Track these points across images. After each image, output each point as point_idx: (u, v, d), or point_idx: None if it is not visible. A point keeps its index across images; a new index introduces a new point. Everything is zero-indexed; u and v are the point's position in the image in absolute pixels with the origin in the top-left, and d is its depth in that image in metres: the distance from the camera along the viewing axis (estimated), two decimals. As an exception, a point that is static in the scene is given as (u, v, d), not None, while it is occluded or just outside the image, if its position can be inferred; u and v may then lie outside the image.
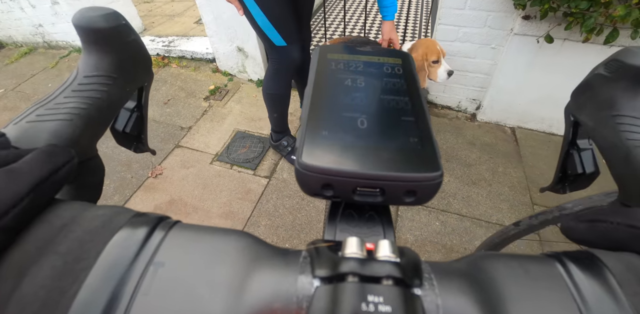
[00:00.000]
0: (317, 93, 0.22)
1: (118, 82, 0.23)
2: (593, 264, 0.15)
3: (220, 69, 2.45)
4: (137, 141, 0.30)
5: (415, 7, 3.48)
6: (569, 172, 0.29)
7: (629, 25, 1.29)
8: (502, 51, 1.70)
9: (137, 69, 0.26)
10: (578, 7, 1.27)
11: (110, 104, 0.23)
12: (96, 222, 0.15)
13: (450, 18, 1.67)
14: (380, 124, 0.20)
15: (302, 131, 0.20)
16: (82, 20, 0.21)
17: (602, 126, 0.23)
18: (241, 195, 1.59)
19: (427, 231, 1.43)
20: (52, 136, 0.19)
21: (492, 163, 1.73)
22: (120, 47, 0.23)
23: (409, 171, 0.18)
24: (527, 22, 1.53)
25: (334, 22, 3.15)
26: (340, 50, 0.27)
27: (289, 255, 0.16)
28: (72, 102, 0.21)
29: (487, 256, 0.16)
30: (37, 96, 2.44)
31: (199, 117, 2.07)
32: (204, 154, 1.82)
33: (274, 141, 1.73)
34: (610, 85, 0.23)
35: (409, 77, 0.25)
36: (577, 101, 0.27)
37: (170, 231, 0.15)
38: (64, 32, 2.86)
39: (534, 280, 0.14)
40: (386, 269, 0.14)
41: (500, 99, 1.87)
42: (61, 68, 2.76)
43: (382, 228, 0.21)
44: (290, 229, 1.45)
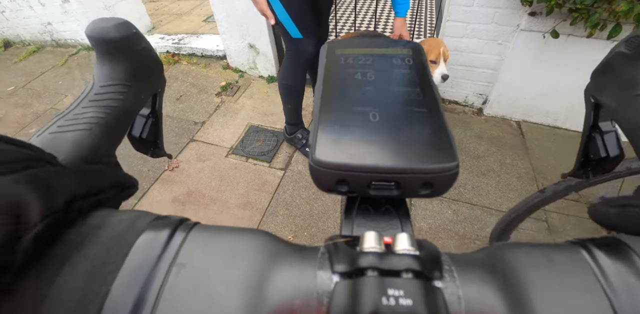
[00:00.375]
0: (328, 89, 0.22)
1: (133, 90, 0.24)
2: (620, 249, 0.14)
3: (231, 66, 2.50)
4: (153, 147, 0.30)
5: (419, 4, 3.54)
6: (592, 157, 0.28)
7: (632, 20, 1.35)
8: (509, 47, 1.75)
9: (150, 75, 0.26)
10: (583, 3, 1.33)
11: (126, 111, 0.23)
12: (119, 227, 0.15)
13: (458, 15, 1.73)
14: (393, 117, 0.20)
15: (315, 127, 0.20)
16: (95, 31, 0.22)
17: (625, 106, 0.22)
18: (258, 186, 1.63)
19: (440, 220, 1.48)
20: (73, 145, 0.19)
21: (499, 155, 1.79)
22: (132, 55, 0.24)
23: (424, 163, 0.17)
24: (533, 18, 1.59)
25: (343, 15, 3.21)
26: (348, 44, 0.27)
27: (306, 251, 0.16)
28: (90, 112, 0.21)
29: (507, 246, 0.16)
30: (47, 92, 2.47)
31: (212, 113, 2.12)
32: (218, 147, 1.86)
33: (288, 133, 1.77)
34: (632, 63, 0.22)
35: (419, 68, 0.24)
36: (597, 82, 0.26)
37: (190, 232, 0.16)
38: (73, 31, 2.89)
39: (557, 267, 0.14)
40: (405, 263, 0.14)
41: (507, 93, 1.92)
42: (70, 66, 2.79)
43: (400, 221, 0.21)
44: (307, 218, 1.49)
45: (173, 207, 1.55)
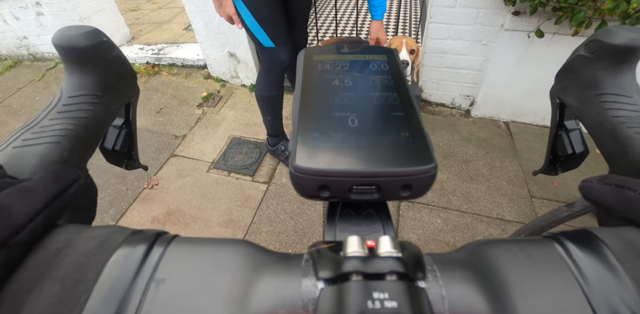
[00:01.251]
0: (306, 95, 0.22)
1: (104, 100, 0.23)
2: (591, 242, 0.15)
3: (212, 75, 2.43)
4: (127, 158, 0.29)
5: (404, 7, 3.50)
6: (559, 154, 0.29)
7: (617, 18, 1.31)
8: (494, 47, 1.71)
9: (122, 85, 0.25)
10: (567, 2, 1.29)
11: (97, 122, 0.22)
12: (92, 243, 0.15)
13: (441, 16, 1.68)
14: (371, 122, 0.20)
15: (294, 134, 0.20)
16: (63, 39, 0.21)
17: (587, 105, 0.23)
18: (240, 202, 1.57)
19: (429, 230, 1.43)
20: (40, 159, 0.18)
21: (488, 158, 1.74)
22: (103, 64, 0.23)
23: (403, 166, 0.18)
24: (517, 18, 1.54)
25: (325, 22, 3.15)
26: (325, 51, 0.27)
27: (290, 259, 0.16)
28: (58, 124, 0.20)
29: (486, 243, 0.16)
30: (24, 109, 2.40)
31: (193, 125, 2.05)
32: (200, 162, 1.80)
33: (270, 145, 1.71)
34: (592, 65, 0.23)
35: (395, 73, 0.24)
36: (561, 83, 0.27)
37: (169, 246, 0.15)
38: (49, 44, 2.81)
39: (534, 263, 0.14)
40: (389, 265, 0.14)
41: (493, 94, 1.88)
42: (48, 80, 2.71)
43: (382, 225, 0.21)
44: (292, 234, 1.43)
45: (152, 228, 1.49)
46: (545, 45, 1.59)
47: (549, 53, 1.61)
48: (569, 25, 1.44)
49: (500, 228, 1.42)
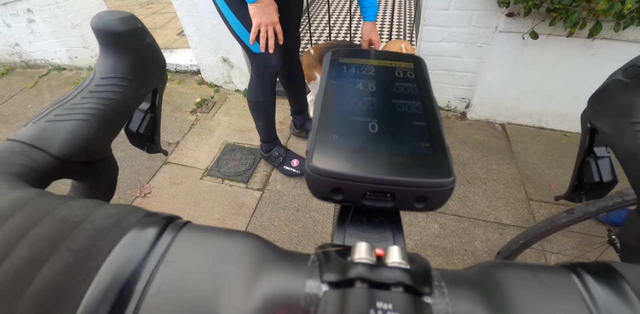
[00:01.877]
0: (328, 97, 0.22)
1: (133, 83, 0.24)
2: (610, 276, 0.14)
3: (206, 81, 2.41)
4: (149, 142, 0.30)
5: (399, 9, 3.49)
6: (585, 181, 0.28)
7: (612, 18, 1.30)
8: (488, 49, 1.69)
9: (151, 71, 0.26)
10: (561, 3, 1.27)
11: (125, 105, 0.23)
12: (109, 220, 0.15)
13: (435, 19, 1.66)
14: (392, 129, 0.20)
15: (313, 134, 0.19)
16: (100, 23, 0.22)
17: (620, 133, 0.23)
18: (234, 210, 1.54)
19: (426, 235, 1.41)
20: (69, 134, 0.19)
21: (485, 161, 1.72)
22: (136, 49, 0.23)
23: (419, 176, 0.17)
24: (511, 20, 1.53)
25: (319, 26, 3.14)
26: (351, 54, 0.27)
27: (297, 258, 0.16)
28: (88, 103, 0.21)
29: (499, 265, 0.16)
30: (15, 117, 2.37)
31: (186, 132, 2.02)
32: (193, 169, 1.77)
33: (264, 152, 1.69)
34: (629, 91, 0.23)
35: (421, 82, 0.24)
36: (594, 108, 0.26)
37: (181, 231, 0.15)
38: (42, 51, 2.79)
39: (547, 291, 0.14)
40: (396, 276, 0.14)
41: (489, 96, 1.86)
42: (40, 88, 2.68)
43: (392, 234, 0.20)
44: (287, 242, 1.40)
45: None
46: (540, 47, 1.57)
47: (543, 54, 1.60)
48: (564, 26, 1.42)
49: (498, 232, 1.39)
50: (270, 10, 1.13)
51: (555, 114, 1.83)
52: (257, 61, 1.29)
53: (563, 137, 1.85)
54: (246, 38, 1.20)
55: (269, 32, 1.16)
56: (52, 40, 2.66)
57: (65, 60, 2.80)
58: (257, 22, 1.14)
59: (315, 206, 1.53)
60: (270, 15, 1.13)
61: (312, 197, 1.58)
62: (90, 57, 2.69)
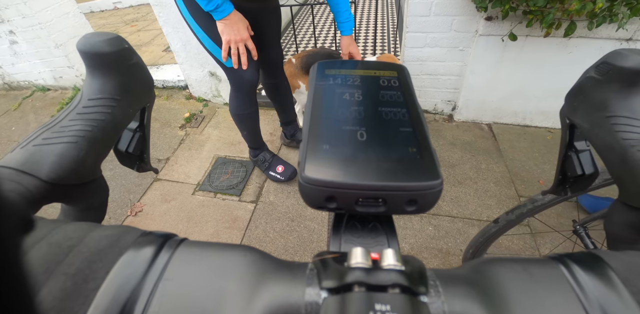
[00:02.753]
0: (317, 108, 0.23)
1: (121, 103, 0.24)
2: (596, 265, 0.15)
3: (194, 96, 2.41)
4: (139, 161, 0.30)
5: (382, 18, 3.56)
6: (569, 174, 0.29)
7: (585, 17, 1.34)
8: (470, 52, 1.73)
9: (140, 90, 0.26)
10: (536, 5, 1.31)
11: (114, 125, 0.23)
12: (104, 242, 0.15)
13: (417, 25, 1.70)
14: (380, 136, 0.20)
15: (304, 145, 0.20)
16: (87, 45, 0.22)
17: (597, 127, 0.23)
18: (228, 224, 1.53)
19: (421, 238, 1.40)
20: (58, 158, 0.19)
21: (474, 161, 1.73)
22: (123, 70, 0.24)
23: (409, 180, 0.18)
24: (490, 23, 1.56)
25: (304, 38, 3.18)
26: (337, 65, 0.28)
27: (295, 268, 0.16)
28: (77, 125, 0.21)
29: (490, 261, 0.16)
30: (0, 141, 2.33)
31: (176, 147, 2.01)
32: (184, 184, 1.75)
33: (252, 156, 1.71)
34: (602, 87, 0.23)
35: (405, 89, 0.25)
36: (571, 104, 0.27)
37: (178, 248, 0.16)
38: (25, 72, 2.77)
39: (538, 283, 0.15)
40: (392, 278, 0.14)
41: (474, 98, 1.89)
42: (24, 110, 2.65)
43: (386, 238, 0.21)
44: (283, 253, 1.39)
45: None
46: (520, 48, 1.61)
47: (523, 55, 1.64)
48: (540, 27, 1.46)
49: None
50: (239, 27, 1.12)
51: (538, 112, 1.86)
52: (231, 76, 1.31)
53: (548, 133, 1.88)
54: (217, 53, 1.21)
55: (240, 49, 1.17)
56: (35, 61, 2.64)
57: (49, 80, 2.77)
58: (226, 39, 1.14)
59: (310, 215, 1.52)
60: (240, 31, 1.13)
61: (306, 207, 1.57)
62: (76, 77, 2.68)
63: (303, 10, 3.77)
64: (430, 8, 1.63)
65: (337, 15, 1.37)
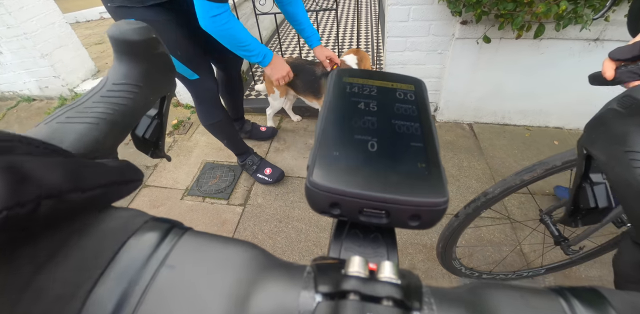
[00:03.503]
0: (331, 114, 0.23)
1: (143, 90, 0.24)
2: (597, 301, 0.15)
3: (182, 103, 2.43)
4: (154, 147, 0.31)
5: (366, 24, 3.64)
6: (581, 206, 0.28)
7: (552, 19, 1.41)
8: (448, 55, 1.79)
9: (162, 79, 0.27)
10: (506, 9, 1.38)
11: (134, 111, 0.24)
12: (115, 223, 0.16)
13: (396, 30, 1.76)
14: (390, 148, 0.20)
15: (315, 150, 0.20)
16: (117, 32, 0.23)
17: (615, 161, 0.23)
18: (217, 227, 1.54)
19: (406, 234, 1.44)
20: (79, 136, 0.20)
21: (456, 159, 1.79)
22: (149, 58, 0.24)
23: (414, 196, 0.18)
24: (465, 27, 1.63)
25: (289, 46, 3.24)
26: (356, 74, 0.28)
27: (293, 269, 0.16)
28: (99, 107, 0.22)
29: (489, 285, 0.16)
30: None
31: (163, 153, 2.02)
32: (173, 190, 1.76)
33: (240, 161, 1.74)
34: (623, 120, 0.23)
35: (420, 104, 0.25)
36: (590, 135, 0.26)
37: (183, 237, 0.16)
38: (9, 82, 2.76)
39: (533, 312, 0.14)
40: (387, 290, 0.14)
41: (454, 99, 1.95)
42: (9, 120, 2.63)
43: (386, 250, 0.21)
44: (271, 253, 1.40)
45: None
46: (494, 50, 1.68)
47: (498, 57, 1.71)
48: (512, 30, 1.53)
49: (474, 224, 1.44)
50: (282, 66, 1.36)
51: (516, 110, 1.93)
52: (195, 88, 1.34)
53: (526, 131, 1.95)
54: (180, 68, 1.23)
55: (285, 81, 1.42)
56: (20, 71, 2.64)
57: (35, 90, 2.77)
58: (276, 79, 1.38)
59: (297, 216, 1.55)
60: (284, 69, 1.37)
61: (293, 208, 1.59)
62: (62, 87, 2.68)
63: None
64: (408, 13, 1.69)
65: (303, 32, 1.46)
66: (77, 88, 2.73)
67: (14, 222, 0.12)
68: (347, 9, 4.10)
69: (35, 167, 0.14)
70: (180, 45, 1.20)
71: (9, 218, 0.12)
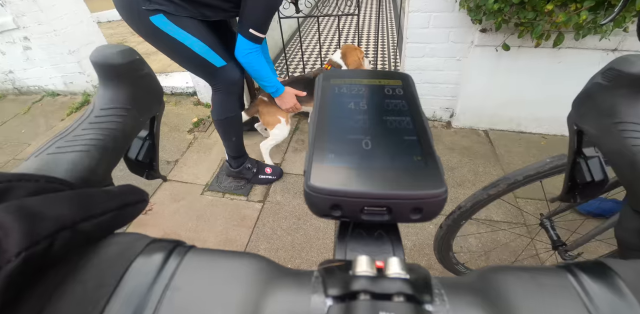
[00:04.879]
0: (322, 117, 0.23)
1: (132, 113, 0.24)
2: (604, 273, 0.15)
3: (202, 102, 2.49)
4: (149, 168, 0.30)
5: (382, 31, 3.70)
6: (578, 181, 0.29)
7: (572, 29, 1.45)
8: (466, 62, 1.83)
9: (150, 99, 0.27)
10: (526, 18, 1.42)
11: (125, 134, 0.24)
12: (115, 250, 0.16)
13: (416, 36, 1.81)
14: (384, 145, 0.21)
15: (310, 154, 0.20)
16: (99, 57, 0.23)
17: (605, 133, 0.23)
18: (237, 222, 1.58)
19: (423, 235, 1.47)
20: (71, 166, 0.20)
21: (472, 165, 1.81)
22: (134, 80, 0.24)
23: (414, 189, 0.18)
24: (484, 35, 1.67)
25: (308, 46, 3.30)
26: (342, 74, 0.28)
27: (301, 276, 0.16)
28: (89, 134, 0.22)
29: (497, 269, 0.16)
30: (9, 143, 2.38)
31: (184, 150, 2.08)
32: (193, 185, 1.81)
33: (234, 167, 1.72)
34: (609, 93, 0.23)
35: (409, 98, 0.25)
36: (578, 110, 0.27)
37: (186, 256, 0.16)
38: (36, 77, 2.85)
39: (544, 292, 0.14)
40: (397, 286, 0.14)
41: (471, 105, 1.99)
42: (34, 113, 2.71)
43: (392, 246, 0.21)
44: (290, 249, 1.44)
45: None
46: (513, 58, 1.72)
47: (516, 64, 1.74)
48: (531, 38, 1.57)
49: (490, 228, 1.46)
50: (292, 97, 1.60)
51: (532, 118, 1.96)
52: (222, 77, 1.38)
53: (542, 139, 1.97)
54: (209, 54, 1.29)
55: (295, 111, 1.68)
56: (47, 67, 2.73)
57: (59, 86, 2.85)
58: (286, 109, 1.65)
59: (316, 214, 1.58)
60: (292, 100, 1.61)
61: (311, 206, 1.63)
62: (86, 82, 2.76)
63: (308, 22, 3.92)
64: (429, 20, 1.74)
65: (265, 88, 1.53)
66: (100, 85, 2.81)
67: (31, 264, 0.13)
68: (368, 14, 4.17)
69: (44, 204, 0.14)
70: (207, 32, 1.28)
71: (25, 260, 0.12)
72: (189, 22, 1.23)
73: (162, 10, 1.18)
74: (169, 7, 1.19)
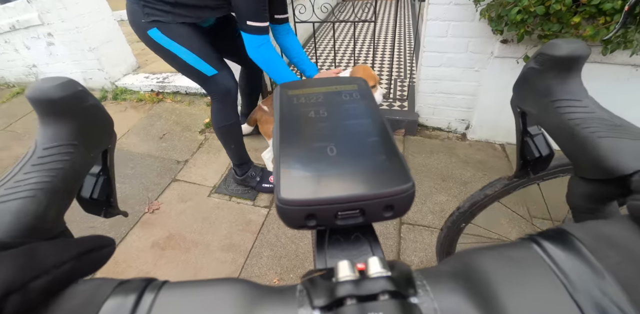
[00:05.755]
0: (285, 129, 0.23)
1: (80, 148, 0.22)
2: (565, 239, 0.16)
3: (214, 102, 2.50)
4: (106, 206, 0.28)
5: (399, 39, 3.66)
6: (528, 158, 0.31)
7: (599, 43, 1.39)
8: (485, 73, 1.78)
9: (98, 132, 0.25)
10: (551, 30, 1.37)
11: (74, 172, 0.22)
12: (79, 299, 0.15)
13: (434, 45, 1.77)
14: (349, 149, 0.21)
15: (277, 167, 0.20)
16: (37, 92, 0.20)
17: (544, 111, 0.25)
18: (242, 226, 1.57)
19: (431, 251, 1.42)
20: (16, 216, 0.18)
21: (486, 180, 1.76)
22: (78, 113, 0.22)
23: (383, 188, 0.19)
24: (505, 46, 1.62)
25: (324, 51, 3.29)
26: (298, 85, 0.29)
27: (284, 292, 0.16)
28: (33, 178, 0.20)
29: (469, 252, 0.17)
30: (28, 134, 2.44)
31: (195, 150, 2.08)
32: (201, 186, 1.81)
33: (239, 175, 1.71)
34: (542, 75, 0.25)
35: (367, 100, 0.26)
36: (519, 94, 0.29)
37: (160, 292, 0.15)
38: (57, 72, 2.92)
39: (515, 265, 0.15)
40: (380, 285, 0.14)
41: (487, 117, 1.93)
42: (54, 107, 2.77)
43: (370, 246, 0.21)
44: (293, 258, 1.42)
45: (152, 253, 1.47)
46: (534, 71, 1.66)
47: (538, 78, 1.68)
48: (555, 53, 1.51)
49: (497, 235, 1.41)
50: None
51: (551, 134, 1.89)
52: (214, 86, 1.38)
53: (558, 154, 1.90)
54: (199, 64, 1.30)
55: None
56: (69, 63, 2.80)
57: (79, 81, 2.89)
58: None
59: (321, 223, 1.56)
60: None
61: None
62: (104, 79, 2.82)
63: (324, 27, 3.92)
64: (447, 30, 1.70)
65: (301, 64, 1.52)
66: (118, 82, 2.86)
67: None
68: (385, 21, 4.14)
69: None
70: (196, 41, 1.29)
71: None
72: (184, 30, 1.26)
73: (158, 21, 1.22)
74: (167, 17, 1.22)
